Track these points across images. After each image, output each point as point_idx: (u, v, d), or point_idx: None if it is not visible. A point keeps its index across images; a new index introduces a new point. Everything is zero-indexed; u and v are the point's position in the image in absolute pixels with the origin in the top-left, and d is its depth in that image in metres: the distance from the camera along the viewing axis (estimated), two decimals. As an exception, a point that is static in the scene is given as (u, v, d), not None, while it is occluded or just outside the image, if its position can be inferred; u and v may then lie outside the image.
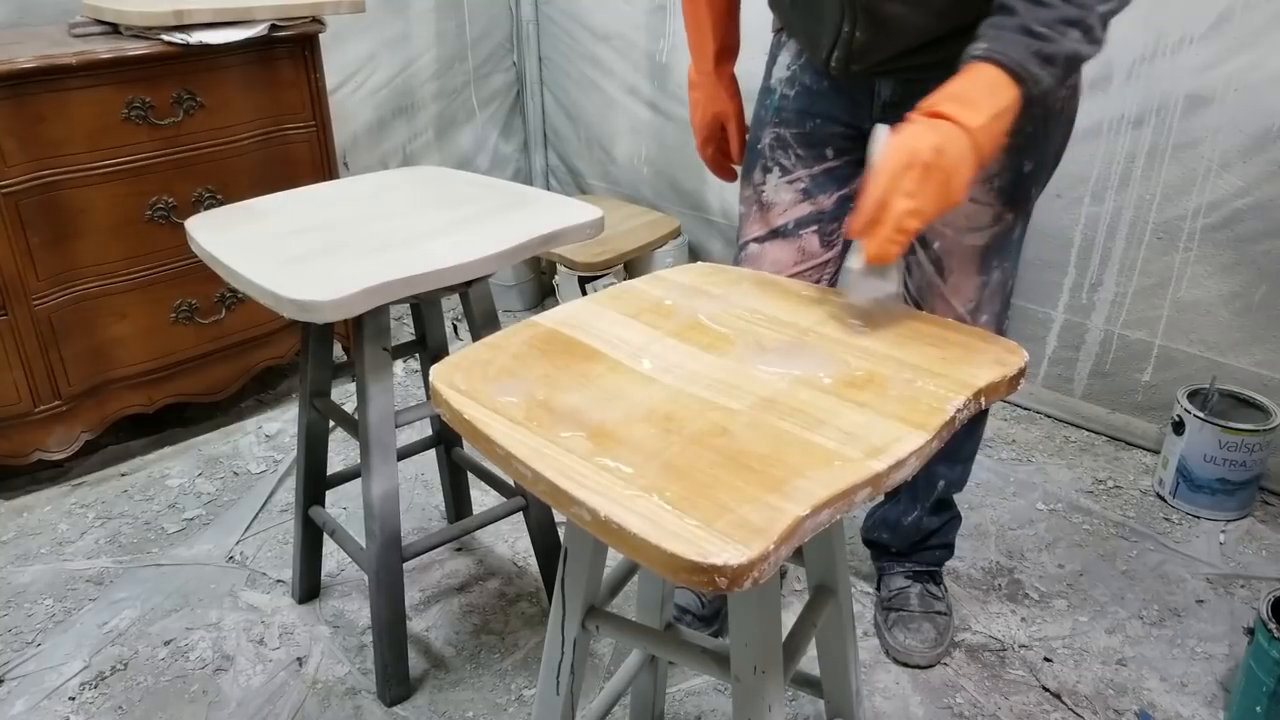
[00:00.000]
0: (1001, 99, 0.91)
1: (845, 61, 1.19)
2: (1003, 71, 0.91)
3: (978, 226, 1.27)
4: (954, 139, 0.89)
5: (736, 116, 1.42)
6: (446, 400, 0.83)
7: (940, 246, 1.29)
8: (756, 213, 1.37)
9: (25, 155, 1.75)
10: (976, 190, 1.23)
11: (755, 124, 1.38)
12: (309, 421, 1.53)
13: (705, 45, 1.38)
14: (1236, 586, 1.68)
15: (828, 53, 1.20)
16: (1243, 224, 1.81)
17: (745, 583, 0.63)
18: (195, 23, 1.87)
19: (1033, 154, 1.23)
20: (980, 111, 0.90)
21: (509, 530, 1.85)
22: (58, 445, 1.94)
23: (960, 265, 1.30)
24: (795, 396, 0.81)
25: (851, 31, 1.15)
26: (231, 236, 1.29)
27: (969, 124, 0.89)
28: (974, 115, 0.90)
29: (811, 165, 1.32)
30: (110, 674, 1.53)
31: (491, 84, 3.03)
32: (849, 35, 1.16)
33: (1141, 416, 2.08)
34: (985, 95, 0.91)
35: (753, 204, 1.38)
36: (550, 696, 1.00)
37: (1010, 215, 1.27)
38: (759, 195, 1.37)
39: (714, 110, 1.42)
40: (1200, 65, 1.78)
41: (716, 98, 1.41)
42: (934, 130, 0.89)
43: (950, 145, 0.89)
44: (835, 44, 1.18)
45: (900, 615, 1.55)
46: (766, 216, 1.36)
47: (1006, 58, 0.91)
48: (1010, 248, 1.31)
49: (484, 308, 1.42)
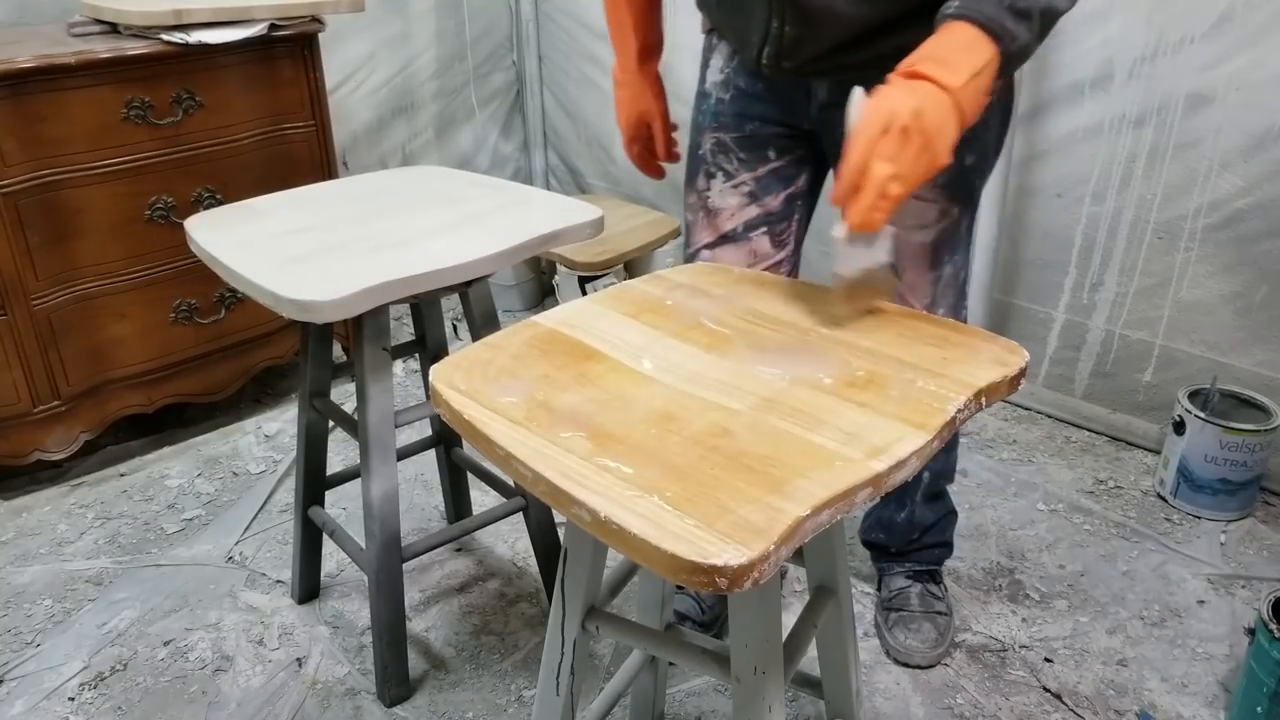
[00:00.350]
0: (979, 57, 0.89)
1: (776, 59, 1.17)
2: (978, 29, 0.89)
3: (925, 224, 1.27)
4: (934, 100, 0.87)
5: (661, 115, 1.42)
6: (446, 400, 0.82)
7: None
8: (704, 219, 1.37)
9: (24, 155, 1.75)
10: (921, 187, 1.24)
11: (694, 130, 1.38)
12: (309, 422, 1.53)
13: (628, 44, 1.38)
14: (1237, 587, 1.68)
15: (758, 51, 1.18)
16: (1244, 224, 1.81)
17: (745, 583, 0.62)
18: (194, 22, 1.87)
19: (974, 147, 1.23)
20: (959, 71, 0.88)
21: (509, 530, 1.85)
22: (57, 445, 1.94)
23: (912, 263, 1.29)
24: (796, 397, 0.81)
25: (781, 26, 1.13)
26: (231, 236, 1.29)
27: (949, 84, 0.87)
28: (953, 75, 0.88)
29: (755, 168, 1.32)
30: (110, 674, 1.53)
31: (491, 83, 3.03)
32: (778, 31, 1.14)
33: (1142, 416, 2.07)
34: (963, 54, 0.89)
35: (699, 211, 1.37)
36: (550, 697, 1.00)
37: (956, 210, 1.27)
38: (705, 202, 1.36)
39: (638, 109, 1.42)
40: (1201, 65, 1.77)
41: (641, 96, 1.41)
42: (912, 92, 0.87)
43: (930, 107, 0.86)
44: (765, 41, 1.16)
45: (901, 615, 1.55)
46: (715, 222, 1.36)
47: (981, 14, 0.89)
48: (959, 242, 1.31)
49: (484, 308, 1.41)
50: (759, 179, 1.32)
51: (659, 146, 1.44)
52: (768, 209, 1.33)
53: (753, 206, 1.33)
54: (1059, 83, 1.95)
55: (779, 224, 1.34)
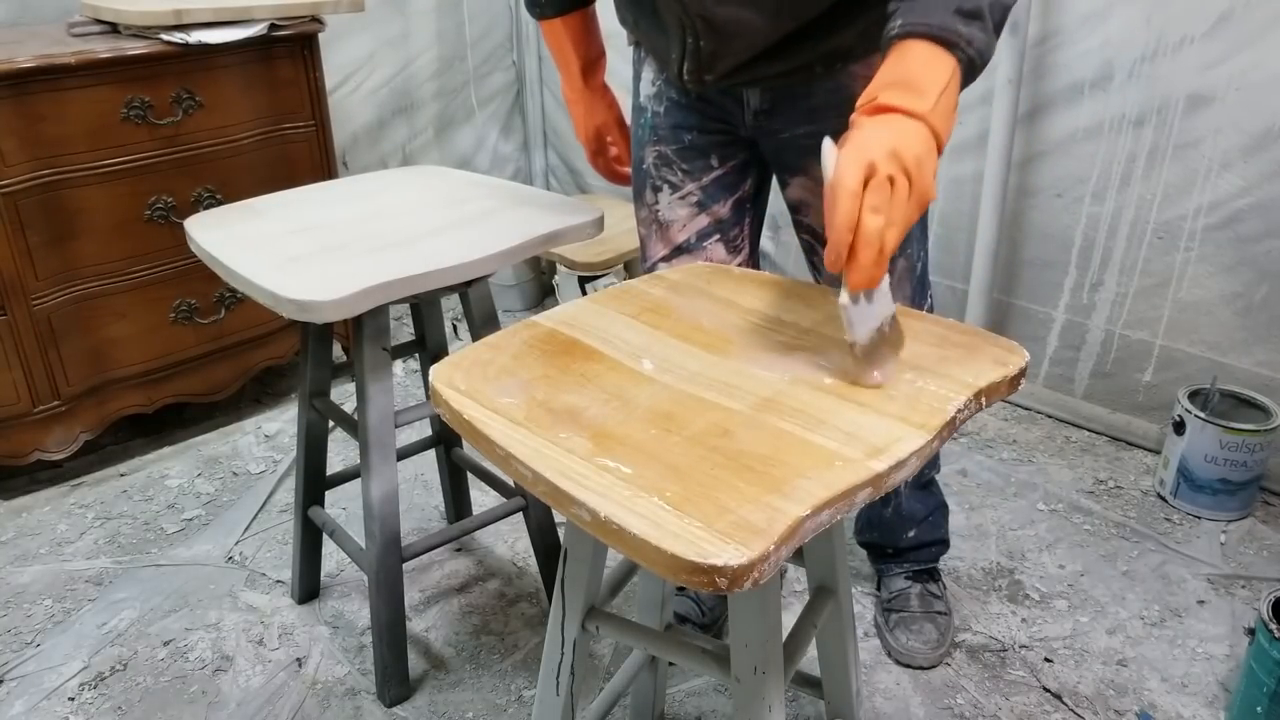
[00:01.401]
0: (941, 73, 0.83)
1: (697, 73, 1.17)
2: (930, 43, 0.83)
3: None
4: (908, 132, 0.81)
5: (617, 125, 1.44)
6: (446, 400, 0.82)
7: None
8: (657, 233, 1.37)
9: (24, 155, 1.75)
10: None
11: (636, 144, 1.38)
12: (309, 422, 1.53)
13: (570, 64, 1.40)
14: (1237, 587, 1.68)
15: (678, 66, 1.18)
16: (1244, 224, 1.81)
17: (745, 583, 0.62)
18: (194, 22, 1.87)
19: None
20: (925, 93, 0.82)
21: (509, 530, 1.85)
22: (57, 445, 1.94)
23: None
24: (796, 397, 0.81)
25: (695, 41, 1.13)
26: (231, 236, 1.29)
27: (918, 110, 0.81)
28: (920, 99, 0.82)
29: (700, 177, 1.32)
30: (109, 674, 1.53)
31: (491, 83, 3.03)
32: (694, 46, 1.14)
33: (1142, 416, 2.07)
34: (923, 73, 0.83)
35: (651, 224, 1.37)
36: (550, 697, 1.00)
37: None
38: (655, 215, 1.36)
39: (593, 124, 1.44)
40: (1201, 65, 1.77)
41: (593, 111, 1.43)
42: (885, 129, 0.81)
43: (906, 142, 0.80)
44: (683, 56, 1.16)
45: (902, 616, 1.55)
46: (667, 235, 1.36)
47: (929, 27, 0.83)
48: (909, 236, 1.29)
49: (484, 308, 1.41)
50: (705, 188, 1.32)
51: (621, 154, 1.45)
52: (717, 216, 1.33)
53: (702, 216, 1.33)
54: (1059, 83, 1.95)
55: (730, 230, 1.34)
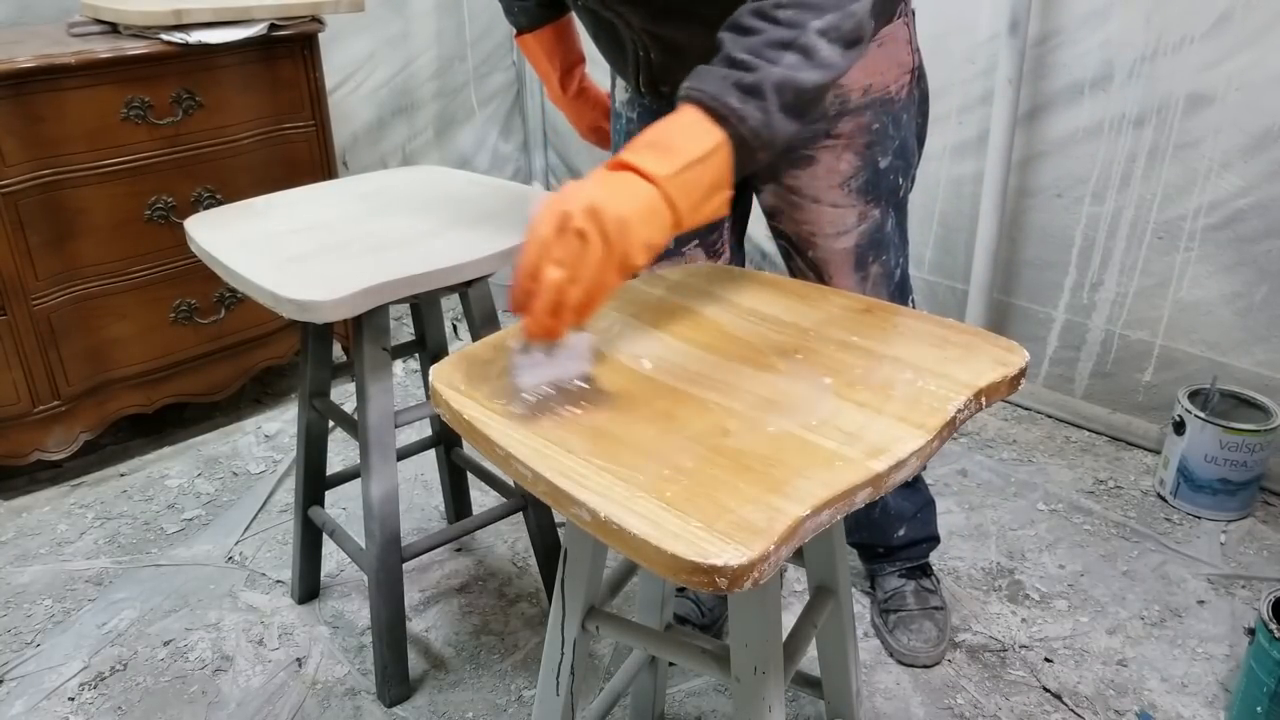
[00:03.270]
0: (701, 142, 0.80)
1: (653, 84, 1.21)
2: (702, 111, 0.81)
3: (844, 229, 1.27)
4: (626, 193, 0.78)
5: (608, 119, 1.46)
6: (446, 400, 0.82)
7: (814, 255, 1.30)
8: None
9: (24, 155, 1.75)
10: (834, 195, 1.24)
11: (614, 150, 1.39)
12: (308, 421, 1.53)
13: (548, 75, 1.43)
14: (1237, 587, 1.68)
15: (635, 78, 1.22)
16: (1244, 224, 1.81)
17: (745, 583, 0.62)
18: (194, 22, 1.87)
19: (889, 147, 1.23)
20: (673, 159, 0.79)
21: (509, 530, 1.85)
22: (57, 445, 1.94)
23: (838, 269, 1.30)
24: (796, 397, 0.81)
25: (646, 55, 1.17)
26: (230, 236, 1.29)
27: (653, 173, 0.78)
28: (663, 163, 0.79)
29: None
30: (109, 674, 1.53)
31: (491, 83, 3.03)
32: (645, 58, 1.18)
33: (1142, 416, 2.07)
34: (682, 139, 0.81)
35: None
36: (550, 697, 1.00)
37: (876, 211, 1.27)
38: None
39: (586, 124, 1.48)
40: (1201, 64, 1.77)
41: (580, 114, 1.47)
42: (602, 185, 0.78)
43: (616, 203, 0.76)
44: (638, 68, 1.20)
45: (900, 616, 1.55)
46: None
47: (704, 94, 0.81)
48: (886, 241, 1.30)
49: (484, 308, 1.41)
50: None
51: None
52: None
53: None
54: (1058, 83, 1.95)
55: (710, 234, 1.35)
